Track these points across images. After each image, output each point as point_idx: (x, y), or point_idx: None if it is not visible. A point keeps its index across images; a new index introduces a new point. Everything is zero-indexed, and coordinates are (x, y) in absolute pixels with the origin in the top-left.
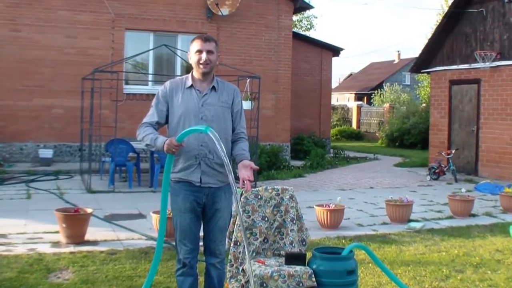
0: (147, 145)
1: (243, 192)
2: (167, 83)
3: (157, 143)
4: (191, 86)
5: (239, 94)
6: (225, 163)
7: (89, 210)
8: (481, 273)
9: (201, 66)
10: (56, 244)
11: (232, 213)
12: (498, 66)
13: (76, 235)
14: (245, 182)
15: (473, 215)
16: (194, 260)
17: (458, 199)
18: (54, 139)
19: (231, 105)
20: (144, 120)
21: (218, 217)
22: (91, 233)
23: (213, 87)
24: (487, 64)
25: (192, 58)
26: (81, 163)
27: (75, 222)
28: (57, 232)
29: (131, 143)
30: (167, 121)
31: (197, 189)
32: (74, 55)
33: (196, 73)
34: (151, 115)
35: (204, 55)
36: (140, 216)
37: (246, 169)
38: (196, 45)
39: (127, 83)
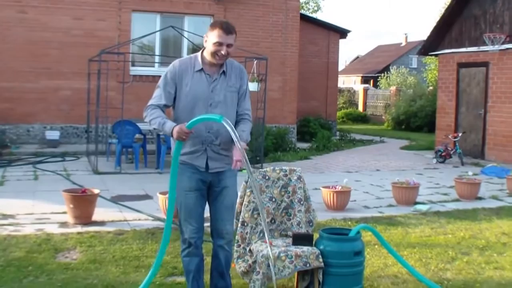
0: (154, 128)
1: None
2: (176, 63)
3: (165, 127)
4: (201, 69)
5: (245, 75)
6: (240, 149)
7: (96, 191)
8: (487, 255)
9: (217, 57)
10: (63, 224)
11: (239, 193)
12: (507, 49)
13: (84, 216)
14: (237, 163)
15: (480, 198)
16: (200, 240)
17: (464, 182)
18: (60, 121)
19: (238, 88)
20: (151, 102)
21: (224, 195)
22: (98, 214)
23: (223, 72)
24: (496, 47)
25: (209, 47)
26: (88, 145)
27: (82, 203)
28: (64, 212)
29: (138, 124)
30: (174, 103)
31: (199, 172)
32: (81, 36)
33: (209, 59)
34: (159, 97)
35: (224, 49)
36: (147, 197)
37: (236, 152)
38: (217, 36)
39: (133, 65)
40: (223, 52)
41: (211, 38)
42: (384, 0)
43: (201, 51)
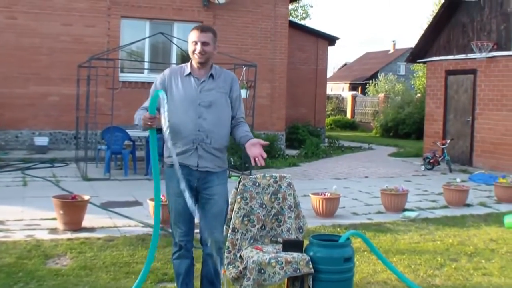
0: (136, 124)
1: (241, 179)
2: (166, 71)
3: (141, 120)
4: (190, 73)
5: (237, 81)
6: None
7: (86, 197)
8: (475, 262)
9: (195, 56)
10: (53, 230)
11: (230, 200)
12: (494, 56)
13: (74, 222)
14: (257, 159)
15: (468, 205)
16: (190, 244)
17: (453, 189)
18: (49, 126)
19: (229, 92)
20: (141, 107)
21: (212, 204)
22: (88, 220)
23: (211, 75)
24: (484, 55)
25: (189, 48)
26: (77, 151)
27: (72, 209)
28: (54, 219)
29: (127, 131)
30: None
31: (189, 173)
32: (70, 42)
33: (193, 62)
34: (147, 101)
35: (198, 46)
36: (137, 203)
37: (255, 147)
38: (193, 35)
39: (122, 71)
40: (198, 49)
41: (189, 39)
42: (372, 7)
43: (190, 60)
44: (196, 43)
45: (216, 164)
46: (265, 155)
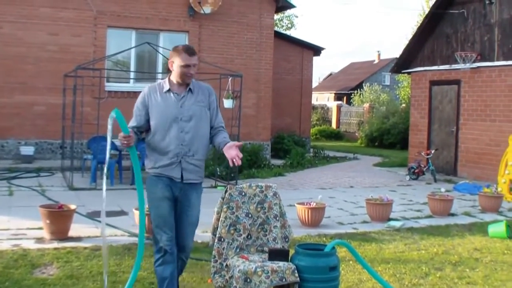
0: (119, 145)
1: (227, 189)
2: (145, 89)
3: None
4: (169, 90)
5: (213, 92)
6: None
7: (72, 207)
8: (459, 271)
9: (185, 78)
10: (40, 240)
11: (216, 209)
12: (478, 67)
13: (60, 231)
14: (234, 160)
15: (452, 215)
16: (174, 248)
17: (437, 199)
18: (35, 136)
19: (208, 104)
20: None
21: (189, 212)
22: (74, 230)
23: (190, 89)
24: (468, 65)
25: (177, 69)
26: (63, 160)
27: (59, 218)
28: (40, 228)
29: (113, 140)
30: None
31: (172, 183)
32: (56, 52)
33: (177, 80)
34: (131, 121)
35: (191, 69)
36: (122, 213)
37: (231, 149)
38: (184, 59)
39: (108, 81)
40: (192, 72)
41: (177, 62)
42: (357, 17)
43: (168, 76)
44: (188, 66)
45: (198, 175)
46: (241, 155)
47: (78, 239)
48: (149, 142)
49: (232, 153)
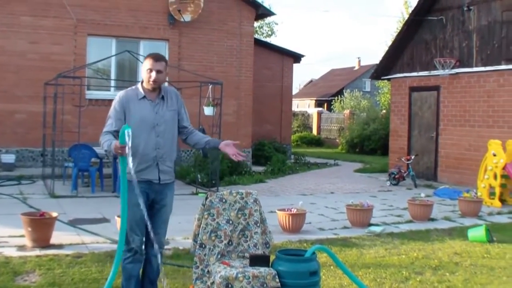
0: (105, 150)
1: (208, 196)
2: (122, 94)
3: (111, 146)
4: (144, 97)
5: (179, 97)
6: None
7: (54, 214)
8: (439, 275)
9: (150, 83)
10: (21, 247)
11: (197, 216)
12: (457, 73)
13: (42, 239)
14: (235, 156)
15: (432, 220)
16: (142, 249)
17: (417, 204)
18: (16, 144)
19: (177, 108)
20: (104, 129)
21: (163, 211)
22: (56, 237)
23: (162, 96)
24: (447, 71)
25: (144, 74)
26: (44, 168)
27: (40, 226)
28: (22, 236)
29: (94, 148)
30: None
31: (149, 187)
32: (37, 60)
33: (146, 86)
34: (110, 125)
35: (154, 74)
36: (104, 220)
37: (229, 146)
38: (148, 63)
39: (89, 89)
40: (153, 77)
41: (144, 67)
42: (337, 24)
43: (140, 82)
44: (151, 70)
45: (171, 175)
46: (243, 154)
47: (60, 246)
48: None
49: (232, 150)
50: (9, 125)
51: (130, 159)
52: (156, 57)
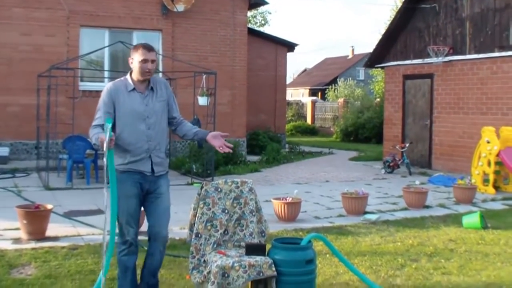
0: (94, 144)
1: (203, 185)
2: (110, 86)
3: (98, 140)
4: (134, 89)
5: (168, 86)
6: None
7: (49, 206)
8: (435, 261)
9: (146, 74)
10: (17, 240)
11: (192, 205)
12: (450, 60)
13: (37, 231)
14: (221, 148)
15: (427, 207)
16: (137, 240)
17: (412, 191)
18: (10, 137)
19: (166, 98)
20: (94, 123)
21: (160, 201)
22: (51, 230)
23: (151, 88)
24: (440, 59)
25: (136, 65)
26: (38, 161)
27: (36, 218)
28: (17, 229)
29: (88, 139)
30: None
31: (143, 177)
32: (30, 52)
33: (137, 77)
34: (99, 118)
35: (149, 65)
36: (100, 211)
37: (216, 138)
38: (142, 54)
39: (82, 80)
40: (149, 67)
41: (136, 58)
42: (330, 13)
43: (129, 73)
44: (146, 60)
45: (165, 166)
46: (230, 145)
47: (55, 238)
48: (117, 139)
49: (219, 142)
50: (2, 118)
51: (105, 148)
52: (149, 47)
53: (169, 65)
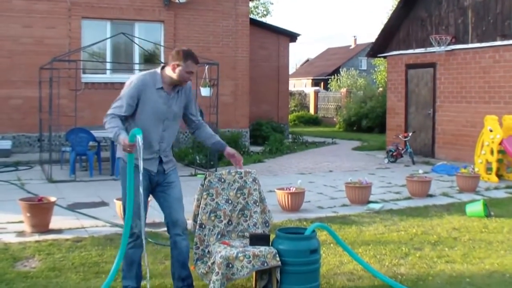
0: (110, 138)
1: (207, 176)
2: (140, 78)
3: (119, 139)
4: (161, 87)
5: (191, 88)
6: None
7: (52, 199)
8: (438, 250)
9: (184, 83)
10: (20, 233)
11: (196, 196)
12: (453, 50)
13: (41, 224)
14: (237, 164)
15: (431, 196)
16: (143, 233)
17: (415, 180)
18: (12, 130)
19: (185, 102)
20: (112, 110)
21: (172, 189)
22: (55, 222)
23: (178, 91)
24: (443, 48)
25: (180, 74)
26: (41, 153)
27: (39, 211)
28: (21, 221)
29: (91, 132)
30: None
31: (153, 173)
32: (31, 44)
33: (172, 81)
34: (119, 107)
35: (191, 76)
36: (103, 204)
37: (233, 158)
38: (190, 66)
39: (84, 72)
40: (190, 78)
41: (183, 67)
42: (332, 2)
43: (160, 69)
44: (191, 73)
45: (173, 163)
46: (241, 166)
47: (59, 231)
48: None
49: (234, 159)
50: (4, 110)
51: (141, 163)
52: (197, 60)
53: None
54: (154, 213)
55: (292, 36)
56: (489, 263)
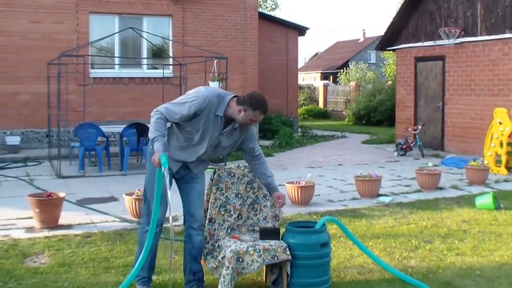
0: (149, 137)
1: (216, 170)
2: (208, 99)
3: (154, 145)
4: (222, 116)
5: (253, 130)
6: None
7: (61, 194)
8: (448, 243)
9: (242, 122)
10: (30, 229)
11: (205, 191)
12: (462, 42)
13: (50, 220)
14: (280, 205)
15: (440, 188)
16: (163, 222)
17: (425, 173)
18: (21, 125)
19: (239, 140)
20: (165, 111)
21: (195, 182)
22: (64, 218)
23: (235, 128)
24: (452, 41)
25: (245, 118)
26: (50, 149)
27: (48, 207)
28: (30, 217)
29: (100, 127)
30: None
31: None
32: (38, 40)
33: (234, 119)
34: (174, 114)
35: (254, 123)
36: (112, 199)
37: (279, 199)
38: (257, 117)
39: (93, 67)
40: (252, 124)
41: (250, 115)
42: None
43: (230, 98)
44: (255, 122)
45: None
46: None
47: (68, 226)
48: (176, 134)
49: (278, 200)
50: (13, 106)
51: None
52: (266, 111)
53: (180, 50)
54: None
55: (300, 30)
56: (499, 255)
